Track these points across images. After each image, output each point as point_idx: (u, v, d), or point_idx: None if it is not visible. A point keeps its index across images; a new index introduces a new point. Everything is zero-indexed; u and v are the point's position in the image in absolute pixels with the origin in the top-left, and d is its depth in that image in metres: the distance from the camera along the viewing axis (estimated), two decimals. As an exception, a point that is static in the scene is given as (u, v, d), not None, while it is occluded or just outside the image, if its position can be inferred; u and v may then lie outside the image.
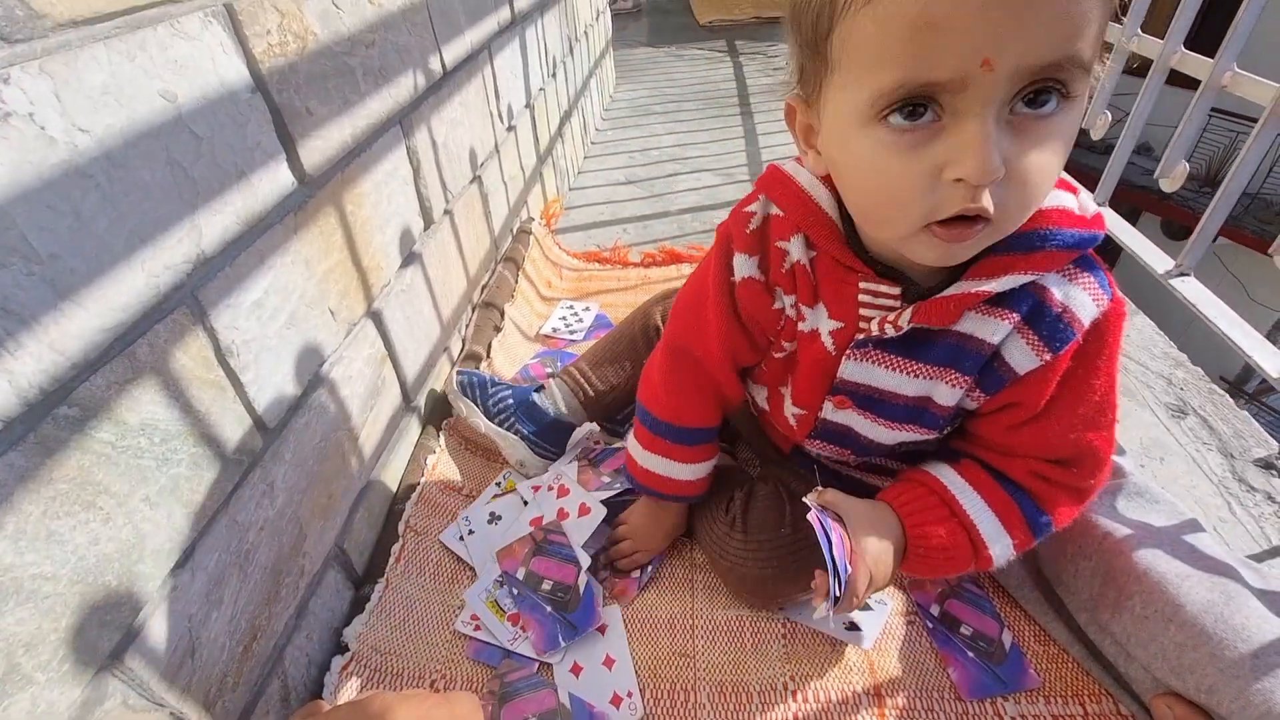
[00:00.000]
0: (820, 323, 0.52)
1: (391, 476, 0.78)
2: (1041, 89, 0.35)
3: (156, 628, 0.44)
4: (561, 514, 0.72)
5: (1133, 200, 6.35)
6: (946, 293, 0.46)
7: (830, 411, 0.57)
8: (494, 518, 0.75)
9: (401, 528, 0.71)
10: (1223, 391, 0.99)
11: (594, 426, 0.86)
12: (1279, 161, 5.79)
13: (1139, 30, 1.12)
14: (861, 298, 0.49)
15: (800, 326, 0.54)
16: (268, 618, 0.55)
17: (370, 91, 0.71)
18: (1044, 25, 0.33)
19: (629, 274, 1.28)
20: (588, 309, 1.15)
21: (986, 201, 0.37)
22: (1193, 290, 0.97)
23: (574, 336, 1.09)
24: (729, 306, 0.56)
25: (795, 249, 0.51)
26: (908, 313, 0.47)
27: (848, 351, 0.51)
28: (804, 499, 0.54)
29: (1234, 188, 0.92)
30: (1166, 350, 1.08)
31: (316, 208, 0.62)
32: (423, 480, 0.77)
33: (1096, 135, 1.24)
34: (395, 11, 0.77)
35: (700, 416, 0.64)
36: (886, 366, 0.51)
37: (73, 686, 0.38)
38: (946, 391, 0.51)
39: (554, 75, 1.56)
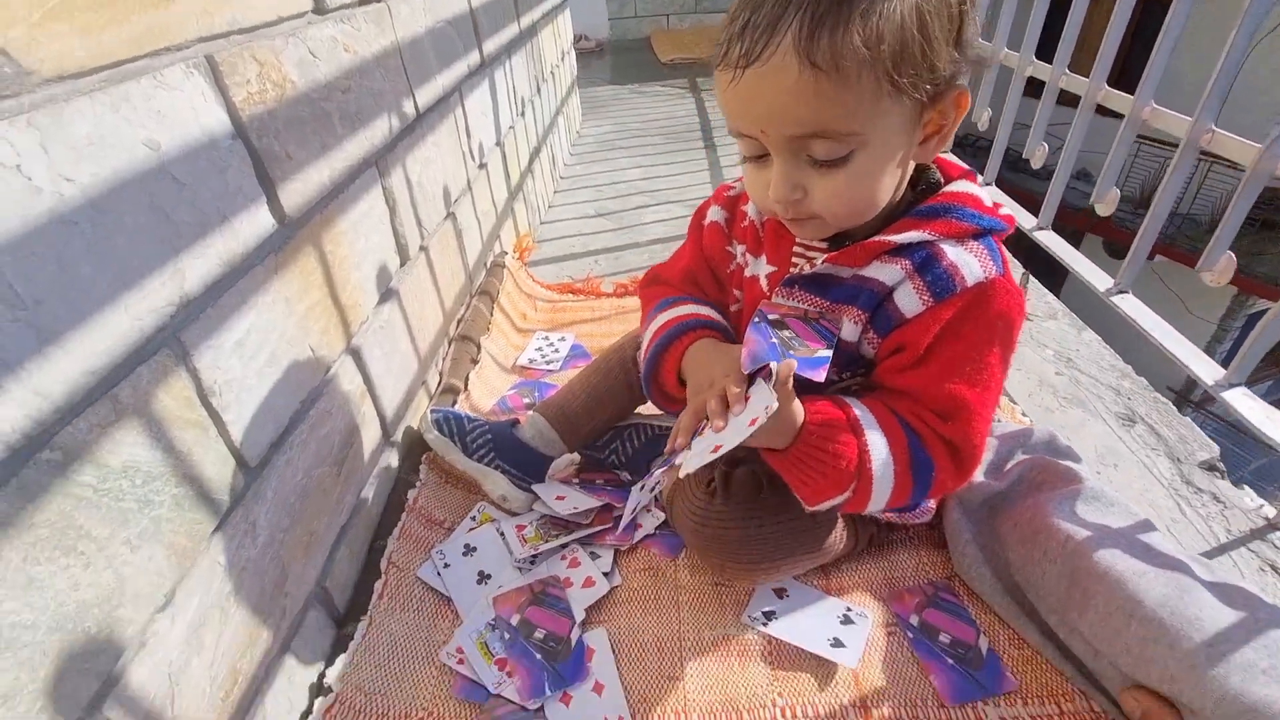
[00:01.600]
0: (760, 269, 0.66)
1: (373, 510, 0.77)
2: (817, 144, 0.49)
3: (136, 675, 0.43)
4: (566, 583, 0.72)
5: (1076, 223, 6.69)
6: (857, 242, 0.56)
7: None
8: (469, 549, 0.75)
9: (384, 564, 0.71)
10: (1166, 400, 1.05)
11: (574, 456, 0.87)
12: (1204, 184, 6.18)
13: (1066, 70, 1.21)
14: (795, 248, 0.62)
15: (746, 272, 0.68)
16: (249, 661, 0.54)
17: (346, 135, 0.73)
18: (780, 119, 0.49)
19: (602, 304, 1.30)
20: (563, 339, 1.17)
21: (797, 212, 0.54)
22: (1132, 306, 1.04)
23: (551, 367, 1.11)
24: (697, 240, 0.73)
25: (751, 210, 0.67)
26: (821, 257, 0.58)
27: (776, 289, 0.62)
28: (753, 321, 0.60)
29: (1161, 210, 0.99)
30: (1113, 363, 1.14)
31: (296, 248, 0.63)
32: (404, 516, 0.77)
33: (1036, 164, 1.32)
34: (369, 58, 0.79)
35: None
36: (804, 301, 0.61)
37: (51, 740, 0.37)
38: (849, 327, 0.59)
39: (523, 114, 1.60)
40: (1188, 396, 5.76)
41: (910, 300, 0.56)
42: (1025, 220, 1.29)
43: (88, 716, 0.40)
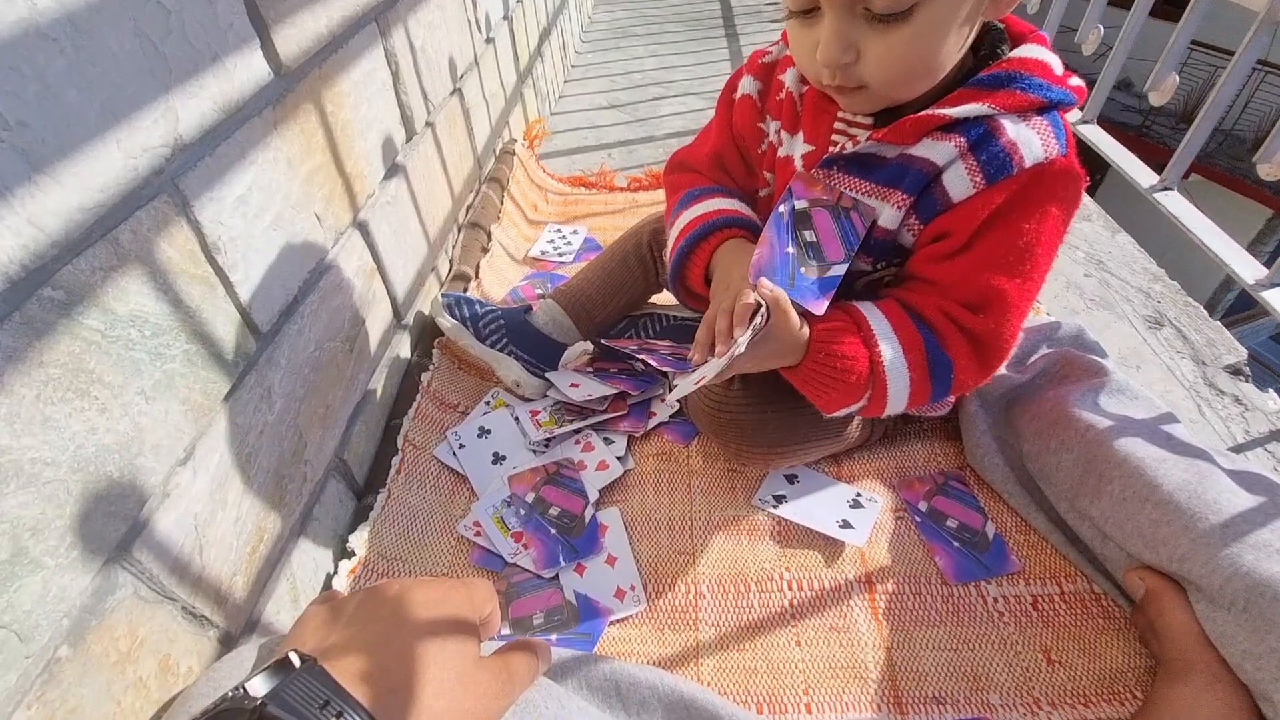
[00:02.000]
0: (795, 148, 0.60)
1: (387, 392, 0.77)
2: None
3: (163, 523, 0.44)
4: (580, 465, 0.72)
5: (1115, 135, 6.36)
6: (905, 113, 0.51)
7: None
8: (484, 432, 0.75)
9: (400, 441, 0.71)
10: (1197, 304, 1.02)
11: (588, 344, 0.86)
12: (1253, 100, 5.81)
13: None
14: (837, 125, 0.56)
15: (780, 152, 0.63)
16: (273, 521, 0.55)
17: (343, -20, 0.66)
18: None
19: (616, 198, 1.25)
20: (575, 232, 1.13)
21: (846, 79, 0.48)
22: (1176, 204, 0.99)
23: (563, 259, 1.07)
24: (726, 118, 0.67)
25: (790, 80, 0.60)
26: (864, 134, 0.54)
27: (813, 170, 0.57)
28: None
29: (1224, 95, 0.92)
30: (1146, 266, 1.10)
31: (295, 103, 0.59)
32: (419, 397, 0.77)
33: (1088, 51, 1.22)
34: (365, -107, 0.71)
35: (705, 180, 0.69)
36: (843, 184, 0.56)
37: (82, 574, 0.38)
38: (890, 214, 0.54)
39: (531, -12, 1.48)
40: (1210, 312, 5.70)
41: (961, 182, 0.51)
42: (1070, 114, 1.21)
43: (118, 557, 0.41)
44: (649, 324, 0.85)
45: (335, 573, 0.61)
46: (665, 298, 0.86)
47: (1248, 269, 0.86)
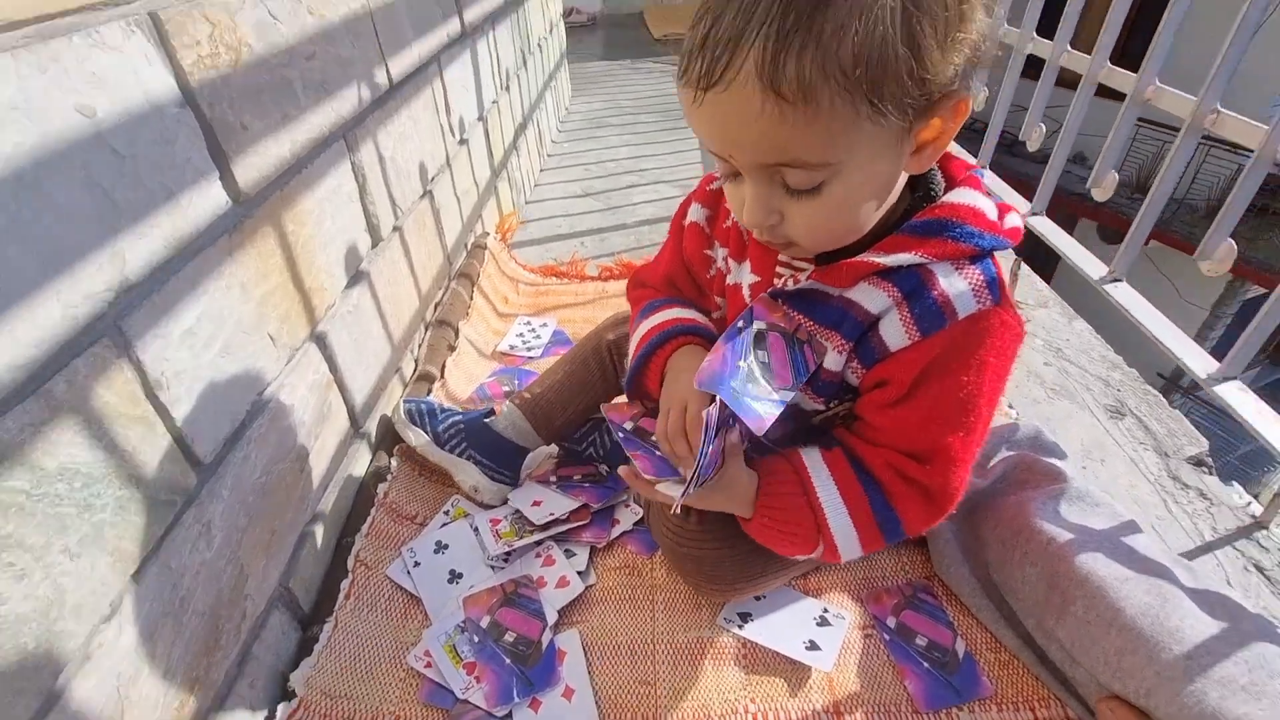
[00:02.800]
0: (743, 277, 0.61)
1: (340, 508, 0.75)
2: (789, 173, 0.44)
3: (81, 689, 0.41)
4: (540, 582, 0.71)
5: (1070, 208, 6.69)
6: (841, 259, 0.51)
7: None
8: (440, 547, 0.73)
9: (351, 562, 0.69)
10: (1156, 392, 1.04)
11: (552, 448, 0.85)
12: (1202, 169, 6.17)
13: (1068, 47, 1.18)
14: (781, 258, 0.57)
15: (728, 279, 0.64)
16: (206, 668, 0.52)
17: (310, 105, 0.69)
18: (745, 147, 0.44)
19: (586, 288, 1.27)
20: (545, 325, 1.14)
21: (773, 236, 0.49)
22: (1125, 295, 1.02)
23: (531, 354, 1.08)
24: (677, 242, 0.68)
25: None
26: (806, 272, 0.54)
27: (760, 299, 0.58)
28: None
29: (1159, 196, 0.97)
30: (1104, 353, 1.13)
31: (254, 228, 0.59)
32: (374, 511, 0.74)
33: (1033, 146, 1.29)
34: (337, 22, 0.74)
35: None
36: (787, 320, 0.57)
37: (-21, 762, 0.35)
38: (834, 357, 0.55)
39: (507, 88, 1.55)
40: (1176, 383, 5.83)
41: (896, 333, 0.51)
42: (1020, 205, 1.27)
43: (23, 735, 0.38)
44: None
45: (273, 717, 0.57)
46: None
47: (1199, 363, 0.88)
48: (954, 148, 0.58)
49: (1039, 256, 1.33)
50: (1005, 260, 0.53)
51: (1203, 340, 6.42)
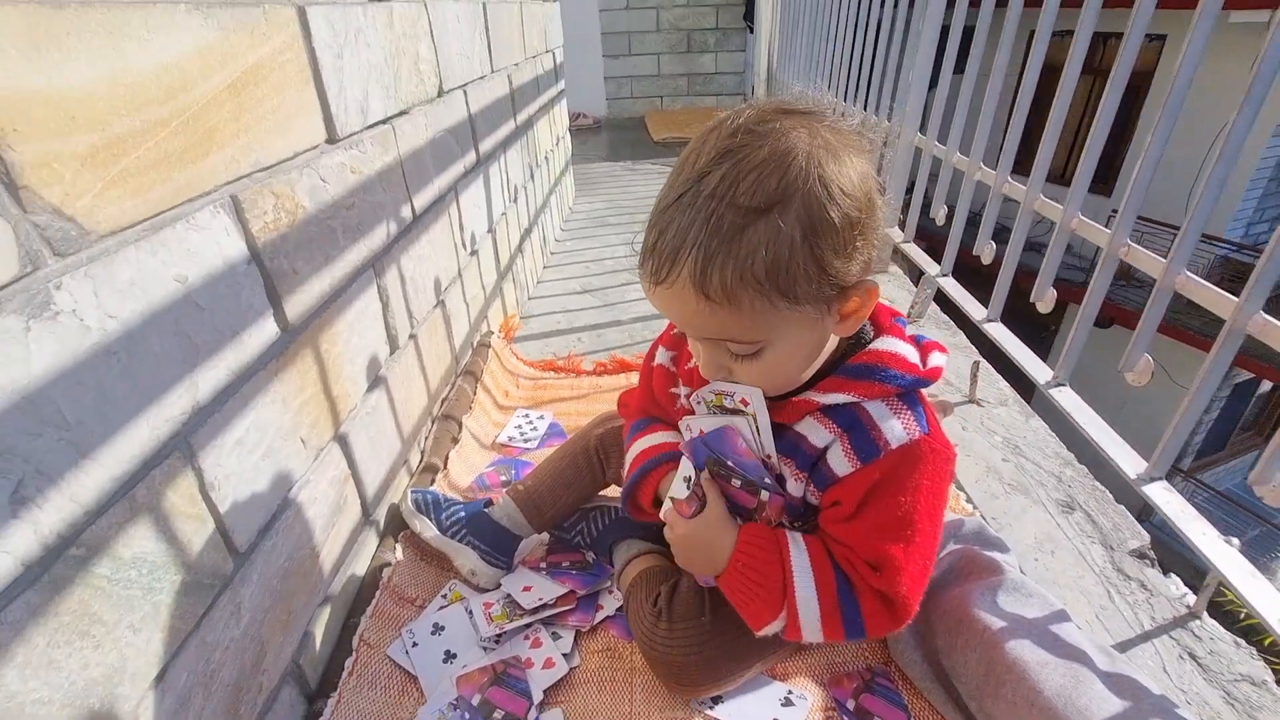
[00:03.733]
0: None
1: (349, 590, 0.83)
2: (730, 344, 0.56)
3: (126, 748, 0.49)
4: (528, 663, 0.78)
5: (1062, 293, 6.87)
6: (789, 398, 0.61)
7: None
8: (437, 628, 0.80)
9: (355, 641, 0.76)
10: (1104, 488, 1.12)
11: (544, 536, 0.94)
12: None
13: (1009, 178, 1.34)
14: None
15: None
16: (226, 735, 0.59)
17: (348, 245, 0.83)
18: (691, 328, 0.57)
19: (581, 382, 1.38)
20: (541, 418, 1.25)
21: (725, 387, 0.60)
22: (1068, 399, 1.12)
23: (528, 445, 1.18)
24: (647, 381, 0.79)
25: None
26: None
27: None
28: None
29: (1089, 313, 1.09)
30: (1057, 450, 1.22)
31: (296, 351, 0.71)
32: (379, 593, 0.82)
33: (985, 260, 1.44)
34: (373, 175, 0.90)
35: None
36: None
37: (49, 808, 0.43)
38: (794, 484, 0.64)
39: (515, 200, 1.73)
40: (1178, 466, 5.81)
41: (840, 462, 0.60)
42: (975, 312, 1.40)
43: (81, 787, 0.45)
44: (600, 516, 0.94)
45: (279, 786, 0.64)
46: (614, 491, 0.96)
47: (1129, 463, 0.97)
48: (885, 300, 0.69)
49: (1001, 353, 1.45)
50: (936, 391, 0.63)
51: (1201, 422, 6.43)
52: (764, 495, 0.64)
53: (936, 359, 0.63)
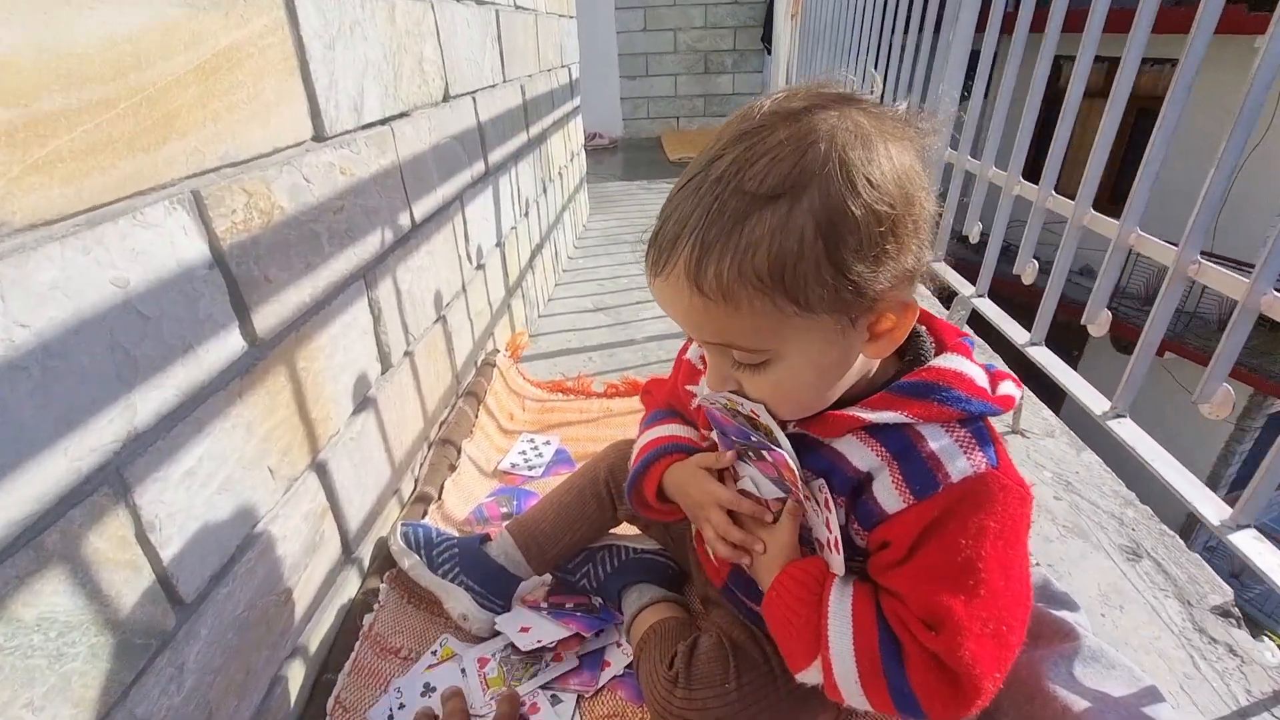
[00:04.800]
0: None
1: (323, 642, 0.73)
2: (733, 350, 0.49)
3: None
4: None
5: (1076, 314, 6.73)
6: (829, 412, 0.52)
7: None
8: (428, 689, 0.70)
9: (330, 704, 0.66)
10: (1173, 533, 1.00)
11: (546, 578, 0.84)
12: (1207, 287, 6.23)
13: (1053, 192, 1.25)
14: None
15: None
16: (156, 829, 0.49)
17: (334, 252, 0.75)
18: (690, 327, 0.50)
19: (591, 405, 1.29)
20: (548, 443, 1.15)
21: (737, 400, 0.51)
22: (1129, 432, 1.01)
23: (533, 473, 1.08)
24: (676, 373, 0.72)
25: None
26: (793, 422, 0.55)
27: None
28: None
29: (1150, 340, 0.99)
30: (1115, 488, 1.10)
31: (266, 368, 0.63)
32: (358, 644, 0.73)
33: (1027, 281, 1.33)
34: (367, 178, 0.82)
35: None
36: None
37: None
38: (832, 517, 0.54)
39: (526, 214, 1.66)
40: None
41: (889, 495, 0.50)
42: (1017, 335, 1.29)
43: None
44: (607, 557, 0.84)
45: None
46: (624, 529, 0.86)
47: (1212, 509, 0.85)
48: (943, 312, 0.60)
49: (1046, 382, 1.34)
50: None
51: (1229, 456, 6.15)
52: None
53: (1007, 388, 0.53)
